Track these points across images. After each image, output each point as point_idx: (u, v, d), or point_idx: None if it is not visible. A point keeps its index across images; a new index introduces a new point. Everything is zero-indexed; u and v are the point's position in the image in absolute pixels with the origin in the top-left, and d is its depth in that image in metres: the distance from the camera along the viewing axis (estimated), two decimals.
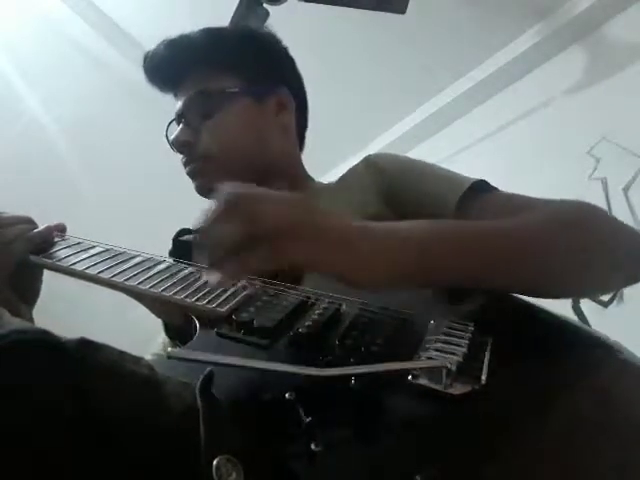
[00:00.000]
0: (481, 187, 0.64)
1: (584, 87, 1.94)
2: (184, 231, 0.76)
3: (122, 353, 0.30)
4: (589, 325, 0.60)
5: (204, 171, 0.76)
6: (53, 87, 2.23)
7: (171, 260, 0.61)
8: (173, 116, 0.83)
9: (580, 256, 0.49)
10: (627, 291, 1.27)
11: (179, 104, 0.79)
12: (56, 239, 0.66)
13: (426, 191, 0.65)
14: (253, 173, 0.77)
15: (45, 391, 0.25)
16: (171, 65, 0.78)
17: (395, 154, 0.76)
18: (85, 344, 0.28)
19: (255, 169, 0.77)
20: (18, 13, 2.13)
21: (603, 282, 0.54)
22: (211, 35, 0.79)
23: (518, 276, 0.48)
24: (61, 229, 0.69)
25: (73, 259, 0.60)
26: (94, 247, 0.64)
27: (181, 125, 0.77)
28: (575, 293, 0.53)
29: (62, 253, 0.62)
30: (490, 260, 0.46)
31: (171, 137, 0.77)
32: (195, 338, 0.45)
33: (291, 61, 0.86)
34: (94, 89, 2.28)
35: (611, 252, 0.51)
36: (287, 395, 0.34)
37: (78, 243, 0.65)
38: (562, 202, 0.56)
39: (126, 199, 2.39)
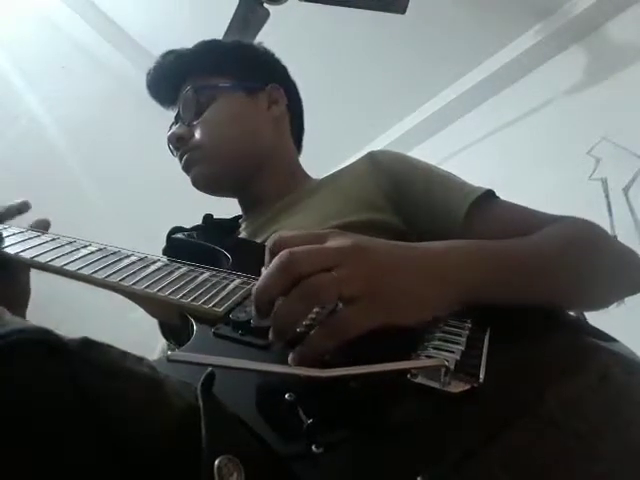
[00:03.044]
0: (488, 196, 0.65)
1: (584, 87, 1.94)
2: (177, 229, 0.76)
3: (124, 353, 0.30)
4: (585, 319, 0.61)
5: (197, 159, 0.78)
6: (53, 87, 2.23)
7: (165, 259, 0.61)
8: (172, 118, 0.84)
9: (596, 272, 0.54)
10: None
11: (177, 108, 0.82)
12: (48, 237, 0.65)
13: (435, 198, 0.66)
14: (244, 164, 0.80)
15: (46, 391, 0.25)
16: (169, 78, 0.82)
17: (399, 153, 0.76)
18: (87, 344, 0.28)
19: (246, 160, 0.79)
20: (18, 13, 2.13)
21: (610, 294, 0.58)
22: (202, 45, 0.83)
23: (545, 292, 0.50)
24: (44, 226, 0.69)
25: (66, 259, 0.58)
26: (87, 246, 0.62)
27: (177, 123, 0.80)
28: (591, 306, 0.57)
29: (54, 253, 0.60)
30: (524, 280, 0.49)
31: (167, 135, 0.80)
32: (192, 339, 0.45)
33: (283, 67, 0.89)
34: (94, 89, 2.28)
35: (619, 266, 0.57)
36: (287, 396, 0.34)
37: (70, 242, 0.64)
38: (571, 220, 0.61)
39: (126, 199, 2.39)
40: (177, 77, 0.82)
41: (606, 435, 0.32)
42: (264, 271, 0.40)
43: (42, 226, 0.69)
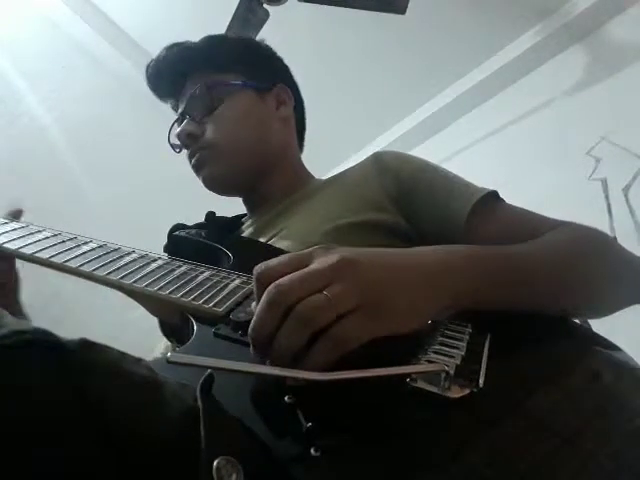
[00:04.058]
0: (491, 197, 0.65)
1: (584, 87, 1.94)
2: (179, 226, 0.76)
3: (122, 354, 0.30)
4: (589, 326, 0.61)
5: (210, 160, 0.77)
6: (53, 87, 2.23)
7: (166, 257, 0.61)
8: (173, 117, 0.83)
9: (599, 279, 0.53)
10: None
11: (181, 105, 0.80)
12: (49, 233, 0.65)
13: (438, 198, 0.66)
14: (256, 163, 0.79)
15: (45, 392, 0.25)
16: (172, 71, 0.81)
17: (404, 153, 0.76)
18: (86, 345, 0.28)
19: (258, 159, 0.79)
20: (18, 13, 2.13)
21: (613, 302, 0.57)
22: (209, 40, 0.82)
23: (543, 298, 0.50)
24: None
25: (67, 255, 0.58)
26: (88, 243, 0.63)
27: (185, 120, 0.79)
28: (589, 313, 0.57)
29: (56, 249, 0.60)
30: (519, 285, 0.49)
31: (176, 131, 0.79)
32: (192, 339, 0.45)
33: (286, 67, 0.89)
34: (94, 89, 2.28)
35: (623, 273, 0.56)
36: (286, 398, 0.34)
37: (72, 239, 0.64)
38: (574, 226, 0.60)
39: (127, 199, 2.39)
40: (181, 71, 0.80)
41: (590, 436, 0.32)
42: (254, 306, 0.39)
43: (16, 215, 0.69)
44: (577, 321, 0.51)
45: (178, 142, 0.80)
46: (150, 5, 2.16)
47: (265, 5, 1.78)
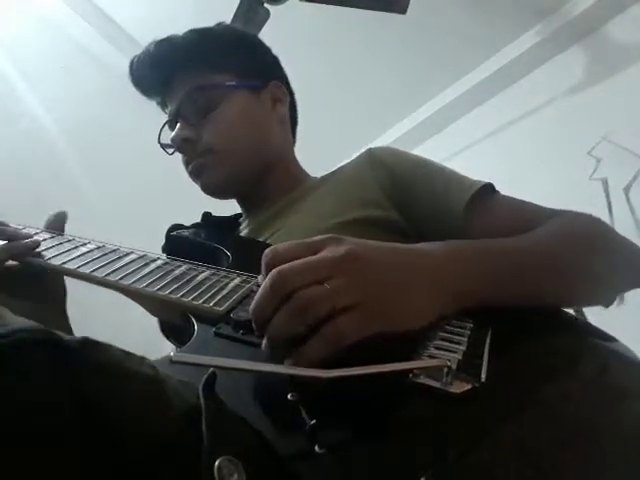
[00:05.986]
0: (487, 190, 0.65)
1: (584, 87, 1.94)
2: (177, 226, 0.76)
3: (125, 353, 0.30)
4: (584, 316, 0.61)
5: (209, 166, 0.75)
6: (53, 87, 2.23)
7: (165, 257, 0.60)
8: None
9: (599, 269, 0.53)
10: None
11: (172, 106, 0.78)
12: (46, 235, 0.65)
13: (434, 192, 0.66)
14: (257, 165, 0.78)
15: (47, 391, 0.24)
16: (160, 67, 0.77)
17: (399, 149, 0.75)
18: (88, 343, 0.28)
19: (259, 161, 0.78)
20: (18, 13, 2.13)
21: (614, 289, 0.57)
22: (197, 35, 0.79)
23: (546, 292, 0.49)
24: (60, 219, 0.68)
25: (65, 257, 0.58)
26: (86, 244, 0.62)
27: (179, 123, 0.75)
28: (590, 302, 0.56)
29: (54, 251, 0.60)
30: (524, 282, 0.48)
31: (170, 136, 0.76)
32: (193, 339, 0.45)
33: (276, 59, 0.87)
34: (94, 89, 2.28)
35: (622, 261, 0.56)
36: (289, 396, 0.34)
37: (69, 240, 0.64)
38: (572, 215, 0.60)
39: (127, 199, 2.39)
40: (170, 69, 0.77)
41: (604, 427, 0.32)
42: (260, 279, 0.40)
43: (60, 219, 0.68)
44: (571, 312, 0.51)
45: (169, 142, 0.77)
46: (151, 4, 2.16)
47: (266, 4, 1.78)
